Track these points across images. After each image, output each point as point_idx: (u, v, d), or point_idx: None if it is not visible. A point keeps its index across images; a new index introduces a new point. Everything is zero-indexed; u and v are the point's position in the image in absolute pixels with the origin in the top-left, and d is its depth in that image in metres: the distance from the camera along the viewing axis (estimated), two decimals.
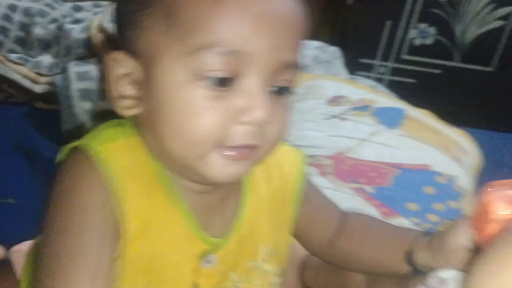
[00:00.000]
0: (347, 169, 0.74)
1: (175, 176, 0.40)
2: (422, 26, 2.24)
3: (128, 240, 0.38)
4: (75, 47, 1.06)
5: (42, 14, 1.15)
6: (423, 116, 0.97)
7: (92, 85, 0.96)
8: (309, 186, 0.49)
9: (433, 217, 0.70)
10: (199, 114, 0.35)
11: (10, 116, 1.00)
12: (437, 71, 2.35)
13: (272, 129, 0.37)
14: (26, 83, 1.02)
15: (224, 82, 0.35)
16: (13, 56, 1.06)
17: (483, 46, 2.24)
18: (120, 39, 0.39)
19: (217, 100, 0.35)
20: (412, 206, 0.71)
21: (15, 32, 1.12)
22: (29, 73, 1.04)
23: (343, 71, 1.21)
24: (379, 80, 2.43)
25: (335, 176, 0.72)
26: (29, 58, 1.08)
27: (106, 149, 0.38)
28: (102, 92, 0.97)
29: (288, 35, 0.36)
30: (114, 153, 0.38)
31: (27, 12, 1.15)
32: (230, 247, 0.43)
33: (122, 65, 0.38)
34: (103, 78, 0.82)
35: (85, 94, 0.94)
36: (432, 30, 2.25)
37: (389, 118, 0.90)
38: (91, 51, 1.04)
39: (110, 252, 0.37)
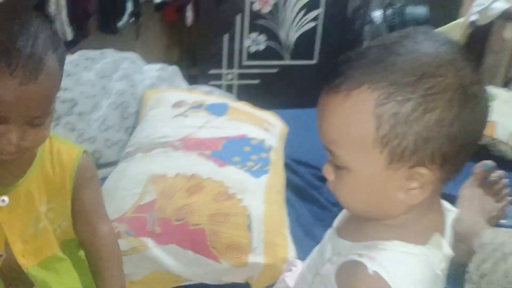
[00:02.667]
0: (192, 144, 1.14)
1: None
2: (254, 35, 2.72)
3: None
4: None
5: None
6: (242, 106, 1.42)
7: None
8: (83, 180, 0.76)
9: (250, 163, 1.14)
10: None
11: None
12: (274, 70, 2.84)
13: (26, 144, 0.64)
14: None
15: None
16: None
17: (304, 44, 2.78)
18: None
19: None
20: (236, 159, 1.13)
21: None
22: None
23: (183, 83, 1.61)
24: (229, 86, 2.85)
25: (184, 149, 1.12)
26: None
27: None
28: None
29: (34, 108, 0.62)
30: None
31: None
32: (17, 194, 0.71)
33: None
34: None
35: None
36: (262, 37, 2.74)
37: (217, 110, 1.33)
38: None
39: None
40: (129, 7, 2.55)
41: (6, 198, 0.71)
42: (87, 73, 1.42)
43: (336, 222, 0.65)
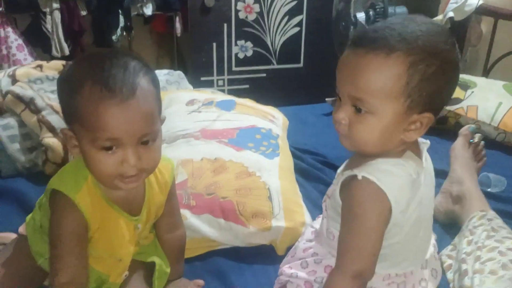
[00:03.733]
0: (210, 134, 1.32)
1: (107, 188, 0.78)
2: (241, 42, 2.90)
3: (93, 233, 0.79)
4: None
5: None
6: (247, 102, 1.61)
7: (14, 131, 1.36)
8: (173, 188, 0.91)
9: (262, 148, 1.32)
10: (102, 164, 0.72)
11: None
12: (262, 75, 3.02)
13: (145, 163, 0.74)
14: None
15: (110, 148, 0.71)
16: None
17: (290, 49, 2.98)
18: (65, 120, 0.77)
19: (109, 156, 0.71)
20: (250, 144, 1.32)
21: None
22: None
23: (189, 86, 1.79)
24: (221, 91, 3.01)
25: (204, 138, 1.30)
26: None
27: (78, 197, 0.76)
28: (23, 134, 1.38)
29: (140, 125, 0.71)
30: (82, 199, 0.77)
31: None
32: (143, 217, 0.85)
33: (68, 134, 0.75)
34: (21, 124, 1.30)
35: (12, 138, 1.34)
36: (249, 44, 2.92)
37: (226, 106, 1.51)
38: (0, 111, 1.43)
39: (84, 241, 0.78)
40: (121, 21, 2.73)
41: (140, 225, 0.86)
42: None
43: (340, 169, 0.85)
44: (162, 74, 1.76)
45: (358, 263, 0.73)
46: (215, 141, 1.29)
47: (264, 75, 3.02)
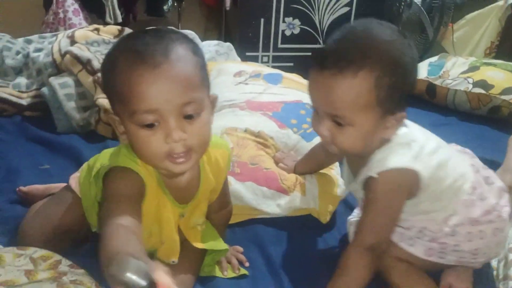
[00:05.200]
0: (255, 106, 1.34)
1: (166, 177, 0.76)
2: (288, 19, 2.88)
3: (146, 206, 0.73)
4: (44, 69, 1.51)
5: (7, 48, 1.57)
6: (293, 76, 1.62)
7: (71, 90, 1.43)
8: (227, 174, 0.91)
9: (305, 125, 1.33)
10: (146, 143, 0.67)
11: (7, 125, 1.41)
12: (307, 53, 2.99)
13: (193, 140, 0.68)
14: (13, 99, 1.44)
15: (152, 125, 0.66)
16: None
17: (338, 28, 2.93)
18: (111, 106, 0.73)
19: (151, 134, 0.66)
20: (293, 121, 1.33)
21: None
22: (13, 91, 1.46)
23: (238, 58, 1.81)
24: None
25: (249, 109, 1.32)
26: (9, 82, 1.50)
27: (137, 168, 0.73)
28: (79, 94, 1.44)
29: (178, 90, 0.65)
30: (140, 169, 0.73)
31: None
32: (191, 207, 0.84)
33: (114, 119, 0.71)
34: (78, 84, 1.35)
35: (69, 97, 1.41)
36: (297, 21, 2.89)
37: (273, 79, 1.53)
38: (58, 68, 1.50)
39: (139, 205, 0.71)
40: None
41: (184, 214, 0.85)
42: None
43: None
44: (212, 45, 1.79)
45: (374, 238, 0.84)
46: (259, 113, 1.32)
47: (309, 54, 2.99)
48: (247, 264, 0.97)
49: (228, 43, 1.86)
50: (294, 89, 1.50)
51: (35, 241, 0.80)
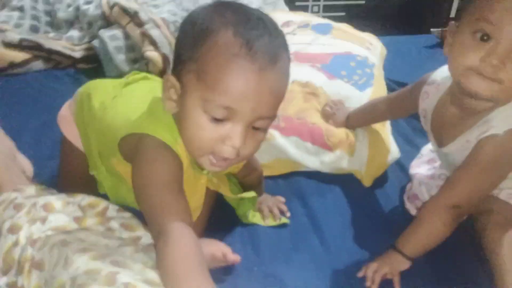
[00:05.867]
0: (303, 57, 1.30)
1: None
2: None
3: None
4: (94, 21, 1.53)
5: (59, 1, 1.59)
6: (344, 27, 1.55)
7: (120, 42, 1.44)
8: None
9: (356, 77, 1.28)
10: (202, 132, 0.62)
11: (62, 76, 1.46)
12: (361, 2, 2.85)
13: (245, 151, 0.64)
14: (67, 51, 1.48)
15: (219, 120, 0.60)
16: (50, 35, 1.51)
17: None
18: (174, 67, 0.65)
19: (213, 127, 0.61)
20: (343, 72, 1.28)
21: (44, 18, 1.56)
22: (66, 44, 1.50)
23: (285, 7, 1.75)
24: None
25: (297, 61, 1.28)
26: (62, 35, 1.53)
27: (175, 145, 0.66)
28: (128, 46, 1.46)
29: (268, 103, 0.60)
30: (179, 151, 0.67)
31: (46, 2, 1.58)
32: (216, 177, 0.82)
33: (171, 82, 0.64)
34: (127, 36, 1.34)
35: (119, 49, 1.43)
36: None
37: (322, 29, 1.47)
38: (108, 21, 1.51)
39: (179, 185, 0.66)
40: None
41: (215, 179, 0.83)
42: None
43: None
44: None
45: (465, 198, 0.80)
46: (308, 65, 1.27)
47: (363, 2, 2.86)
48: (288, 214, 0.97)
49: None
50: (344, 40, 1.43)
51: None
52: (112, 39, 1.43)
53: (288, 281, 0.84)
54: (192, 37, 0.61)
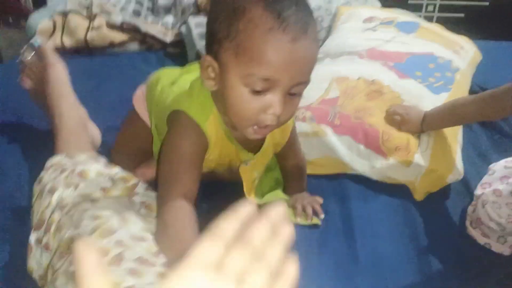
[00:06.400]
0: (377, 54, 1.23)
1: (233, 129, 0.77)
2: None
3: (209, 155, 0.78)
4: (187, 9, 1.63)
5: None
6: (434, 27, 1.43)
7: (204, 29, 1.51)
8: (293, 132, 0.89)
9: (432, 79, 1.18)
10: (245, 105, 0.67)
11: (152, 58, 1.58)
12: (485, 3, 2.59)
13: (284, 116, 0.69)
14: (160, 35, 1.60)
15: (260, 92, 0.65)
16: (149, 18, 1.65)
17: None
18: (209, 47, 0.69)
19: (255, 99, 0.65)
20: (418, 73, 1.19)
21: (146, 3, 1.71)
22: (161, 28, 1.63)
23: (377, 3, 1.67)
24: (429, 18, 2.72)
25: (369, 58, 1.22)
26: (159, 20, 1.66)
27: (205, 125, 0.74)
28: None
29: (303, 69, 0.65)
30: (209, 128, 0.75)
31: None
32: (256, 160, 0.85)
33: (208, 62, 0.68)
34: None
35: (202, 36, 1.50)
36: None
37: (407, 27, 1.37)
38: (199, 9, 1.60)
39: (202, 161, 0.76)
40: None
41: (249, 163, 0.85)
42: None
43: None
44: None
45: None
46: (379, 62, 1.21)
47: (487, 3, 2.59)
48: (322, 216, 0.94)
49: None
50: (428, 41, 1.33)
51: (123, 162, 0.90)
52: (197, 26, 1.51)
53: (304, 283, 0.82)
54: (225, 16, 0.65)
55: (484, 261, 0.89)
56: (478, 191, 0.98)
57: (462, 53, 1.34)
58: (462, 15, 2.63)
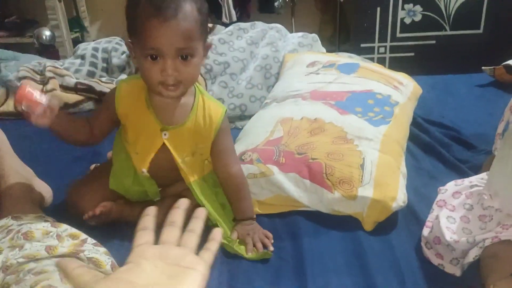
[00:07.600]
0: (319, 95, 1.30)
1: (153, 94, 0.96)
2: (408, 6, 2.69)
3: (122, 118, 0.99)
4: None
5: (115, 49, 1.79)
6: (374, 66, 1.52)
7: None
8: (222, 131, 1.01)
9: (371, 114, 1.24)
10: (148, 70, 0.89)
11: None
12: (431, 42, 2.76)
13: (184, 75, 0.89)
14: None
15: (155, 58, 0.88)
16: (103, 79, 1.70)
17: (467, 12, 2.64)
18: (129, 35, 0.93)
19: (153, 65, 0.88)
20: (358, 109, 1.25)
21: (100, 64, 1.77)
22: None
23: (322, 49, 1.77)
24: (381, 59, 2.86)
25: (311, 99, 1.28)
26: (113, 78, 1.71)
27: (123, 84, 0.99)
28: None
29: (178, 39, 0.86)
30: (124, 86, 0.99)
31: (105, 50, 1.79)
32: (175, 131, 0.98)
33: (129, 46, 0.94)
34: None
35: None
36: (418, 8, 2.69)
37: (347, 69, 1.45)
38: None
39: (109, 118, 1.00)
40: None
41: (167, 133, 0.99)
42: (239, 41, 1.69)
43: None
44: (296, 37, 1.77)
45: None
46: (321, 102, 1.27)
47: (433, 42, 2.76)
48: (271, 249, 0.96)
49: (313, 35, 1.82)
50: (368, 79, 1.41)
51: None
52: None
53: None
54: (128, 12, 0.91)
55: (439, 282, 0.90)
56: (434, 209, 1.01)
57: (401, 88, 1.42)
58: (412, 54, 2.80)
